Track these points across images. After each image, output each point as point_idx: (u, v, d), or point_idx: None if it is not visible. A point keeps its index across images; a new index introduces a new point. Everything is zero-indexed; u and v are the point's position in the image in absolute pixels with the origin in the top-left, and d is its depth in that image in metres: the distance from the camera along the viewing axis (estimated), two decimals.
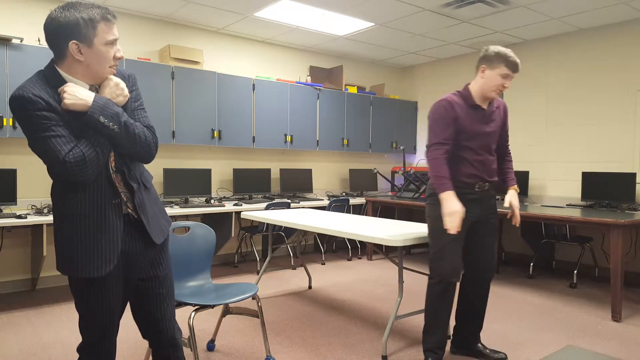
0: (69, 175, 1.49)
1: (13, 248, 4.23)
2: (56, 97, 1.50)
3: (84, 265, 1.56)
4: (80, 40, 1.50)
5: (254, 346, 3.02)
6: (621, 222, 3.53)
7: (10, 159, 4.19)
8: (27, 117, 1.47)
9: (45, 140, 1.46)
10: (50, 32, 1.53)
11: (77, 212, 1.56)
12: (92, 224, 1.56)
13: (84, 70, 1.54)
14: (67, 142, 1.48)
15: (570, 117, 5.37)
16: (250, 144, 5.37)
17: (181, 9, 4.72)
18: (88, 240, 1.56)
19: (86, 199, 1.56)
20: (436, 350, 2.65)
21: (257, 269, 5.20)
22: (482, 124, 2.62)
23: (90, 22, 1.50)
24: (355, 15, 4.88)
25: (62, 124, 1.49)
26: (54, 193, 1.62)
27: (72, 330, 3.29)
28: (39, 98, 1.46)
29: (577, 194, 5.13)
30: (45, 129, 1.46)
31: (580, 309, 3.87)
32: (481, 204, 2.64)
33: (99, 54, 1.53)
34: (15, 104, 1.47)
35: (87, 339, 1.74)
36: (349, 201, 5.76)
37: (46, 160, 1.52)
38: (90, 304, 1.66)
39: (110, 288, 1.64)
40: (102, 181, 1.59)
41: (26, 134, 1.51)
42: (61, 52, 1.53)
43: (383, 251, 3.29)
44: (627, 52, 4.90)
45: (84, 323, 1.73)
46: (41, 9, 4.37)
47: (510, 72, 2.55)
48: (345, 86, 6.29)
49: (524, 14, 4.76)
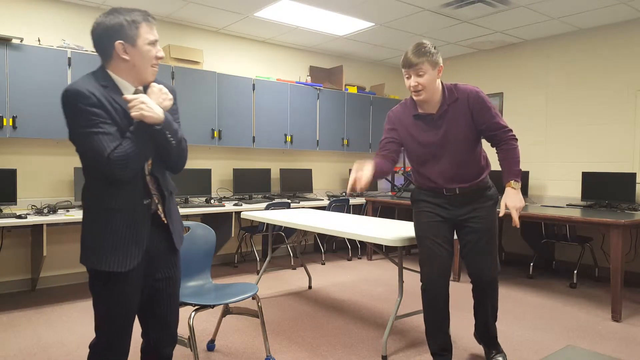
0: (109, 172, 1.55)
1: (13, 248, 4.23)
2: (106, 96, 1.59)
3: (109, 259, 1.61)
4: (125, 40, 1.61)
5: (254, 346, 3.02)
6: (621, 222, 3.52)
7: (10, 159, 4.19)
8: (78, 111, 1.54)
9: (93, 135, 1.54)
10: (98, 35, 1.63)
11: (111, 207, 1.62)
12: (123, 220, 1.63)
13: (129, 69, 1.64)
14: (113, 140, 1.55)
15: (570, 117, 5.37)
16: (250, 144, 5.36)
17: (181, 9, 4.72)
18: (117, 235, 1.62)
19: (120, 196, 1.63)
20: (441, 352, 2.61)
21: (257, 269, 5.20)
22: (428, 131, 2.46)
23: (134, 23, 1.62)
24: (355, 15, 4.88)
25: (109, 122, 1.57)
26: (89, 188, 1.67)
27: (72, 330, 3.29)
28: (92, 94, 1.55)
29: (577, 194, 5.13)
30: (93, 124, 1.54)
31: (580, 309, 3.87)
32: (458, 206, 2.51)
33: (142, 52, 1.63)
34: (69, 98, 1.55)
35: (104, 336, 1.75)
36: (349, 201, 5.76)
37: (90, 155, 1.58)
38: (110, 300, 1.69)
39: (131, 285, 1.69)
40: (137, 181, 1.67)
41: (73, 128, 1.58)
42: (108, 53, 1.63)
43: (383, 251, 3.29)
44: (627, 52, 4.90)
45: (102, 320, 1.73)
46: (41, 9, 4.37)
47: (404, 70, 2.39)
48: (345, 86, 6.29)
49: (524, 14, 4.76)
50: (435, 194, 2.55)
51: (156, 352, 1.89)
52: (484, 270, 2.52)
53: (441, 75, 2.44)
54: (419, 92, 2.37)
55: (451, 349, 2.64)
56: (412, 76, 2.36)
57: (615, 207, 4.61)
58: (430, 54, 2.34)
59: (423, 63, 2.33)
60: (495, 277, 2.56)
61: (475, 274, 2.55)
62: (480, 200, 2.52)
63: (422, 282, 2.58)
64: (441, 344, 2.60)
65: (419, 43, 2.39)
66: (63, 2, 4.48)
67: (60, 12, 4.47)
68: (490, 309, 2.64)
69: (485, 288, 2.58)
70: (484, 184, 2.54)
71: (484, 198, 2.53)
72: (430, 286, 2.55)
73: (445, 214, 2.53)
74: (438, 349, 2.60)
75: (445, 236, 2.53)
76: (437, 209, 2.53)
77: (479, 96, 2.42)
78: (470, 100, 2.41)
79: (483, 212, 2.51)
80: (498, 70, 6.08)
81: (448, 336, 2.63)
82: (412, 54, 2.35)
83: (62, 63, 4.12)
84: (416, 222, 2.63)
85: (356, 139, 6.36)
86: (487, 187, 2.56)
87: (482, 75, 6.25)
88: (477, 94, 2.43)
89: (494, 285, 2.59)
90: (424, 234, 2.56)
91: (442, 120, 2.43)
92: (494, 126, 2.46)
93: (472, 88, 2.45)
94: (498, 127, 2.46)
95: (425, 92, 2.37)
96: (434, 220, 2.54)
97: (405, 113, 2.54)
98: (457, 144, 2.44)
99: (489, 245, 2.52)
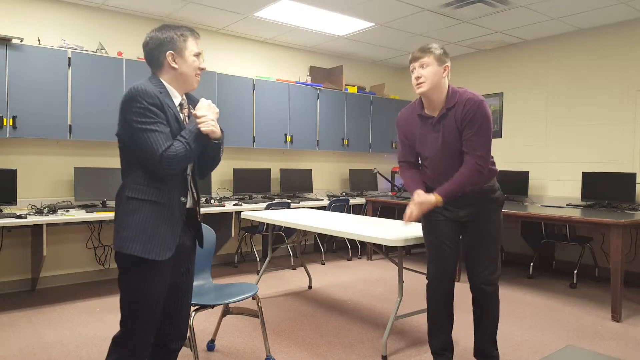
0: (158, 168, 1.72)
1: (13, 248, 4.23)
2: (163, 100, 1.76)
3: (150, 247, 1.73)
4: (175, 51, 1.82)
5: (254, 346, 3.02)
6: (621, 222, 3.53)
7: (10, 159, 4.19)
8: (141, 107, 1.70)
9: (150, 133, 1.70)
10: (151, 47, 1.83)
11: (153, 199, 1.76)
12: (163, 213, 1.77)
13: (177, 77, 1.85)
14: (167, 140, 1.72)
15: (570, 117, 5.37)
16: (250, 144, 5.36)
17: (181, 9, 4.72)
18: (157, 226, 1.75)
19: (162, 190, 1.78)
20: (439, 352, 2.60)
21: (257, 269, 5.20)
22: (430, 134, 2.44)
23: (182, 36, 1.84)
24: (355, 15, 4.88)
25: (164, 123, 1.74)
26: (134, 181, 1.78)
27: (72, 330, 3.29)
28: (156, 96, 1.74)
29: (577, 194, 5.13)
30: (152, 122, 1.71)
31: (580, 309, 3.87)
32: (460, 206, 2.49)
33: (188, 63, 1.84)
34: (136, 94, 1.70)
35: (131, 326, 1.80)
36: (349, 201, 5.76)
37: (143, 150, 1.72)
38: (144, 288, 1.77)
39: (164, 275, 1.81)
40: (178, 179, 1.84)
41: (132, 123, 1.71)
42: (159, 63, 1.84)
43: (383, 251, 3.30)
44: (627, 52, 4.90)
45: (132, 310, 1.80)
46: (41, 9, 4.37)
47: (410, 65, 2.43)
48: (345, 86, 6.29)
49: (524, 14, 4.76)
50: None
51: (165, 346, 1.96)
52: (481, 273, 2.49)
53: (448, 77, 2.43)
54: (421, 85, 2.36)
55: (452, 350, 2.62)
56: (417, 68, 2.38)
57: (615, 207, 4.61)
58: (438, 50, 2.38)
59: (428, 56, 2.36)
60: (492, 281, 2.48)
61: (474, 275, 2.52)
62: (483, 202, 2.48)
63: (427, 280, 2.61)
64: (440, 344, 2.60)
65: (428, 43, 2.44)
66: (63, 2, 4.48)
67: (60, 12, 4.47)
68: (491, 323, 2.54)
69: (482, 290, 2.50)
70: (488, 187, 2.49)
71: (488, 201, 2.49)
72: (432, 284, 2.58)
73: (448, 214, 2.52)
74: (437, 348, 2.60)
75: (449, 235, 2.52)
76: (441, 209, 2.52)
77: (474, 107, 2.30)
78: (465, 108, 2.32)
79: (485, 215, 2.48)
80: (498, 70, 6.08)
81: (448, 336, 2.61)
82: (419, 49, 2.40)
83: (62, 63, 4.12)
84: (423, 221, 2.64)
85: (356, 139, 6.36)
86: (492, 191, 2.51)
87: (482, 75, 6.25)
88: (475, 103, 2.31)
89: (493, 290, 2.50)
90: (429, 233, 2.59)
91: (440, 124, 2.41)
92: (468, 144, 2.32)
93: (473, 97, 2.35)
94: (471, 148, 2.31)
95: (426, 84, 2.35)
96: (438, 219, 2.54)
97: (411, 113, 2.55)
98: (455, 150, 2.39)
99: (488, 248, 2.48)
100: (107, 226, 4.65)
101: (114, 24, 4.76)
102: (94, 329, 3.31)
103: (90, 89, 4.26)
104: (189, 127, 1.80)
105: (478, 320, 2.57)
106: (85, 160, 4.56)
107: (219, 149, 1.91)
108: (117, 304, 3.89)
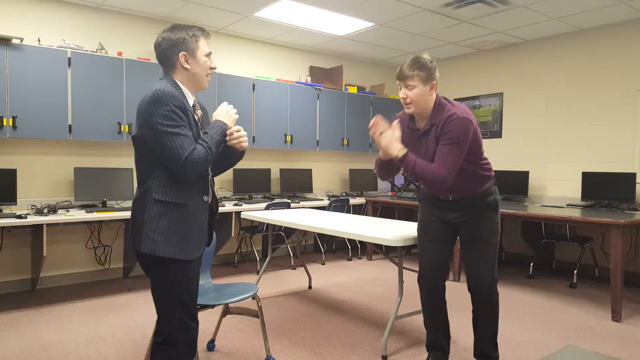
0: (181, 172, 1.74)
1: (13, 248, 4.23)
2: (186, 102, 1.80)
3: (186, 248, 1.78)
4: (187, 52, 1.84)
5: (254, 346, 3.02)
6: (621, 222, 3.53)
7: (10, 159, 4.19)
8: (168, 110, 1.71)
9: (175, 136, 1.71)
10: (164, 47, 1.85)
11: (179, 201, 1.78)
12: (190, 214, 1.81)
13: (189, 78, 1.87)
14: (191, 144, 1.75)
15: (570, 117, 5.37)
16: (250, 144, 5.36)
17: (181, 9, 4.72)
18: (187, 227, 1.79)
19: (187, 192, 1.81)
20: (430, 349, 2.69)
21: (257, 269, 5.20)
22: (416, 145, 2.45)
23: (194, 37, 1.86)
24: (355, 15, 4.88)
25: (187, 126, 1.76)
26: (159, 184, 1.78)
27: (72, 330, 3.29)
28: (179, 97, 1.76)
29: (577, 194, 5.13)
30: (177, 125, 1.72)
31: (580, 309, 3.87)
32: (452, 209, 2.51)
33: (200, 63, 1.87)
34: (162, 96, 1.71)
35: (175, 324, 1.82)
36: (349, 201, 5.76)
37: (168, 154, 1.72)
38: (183, 288, 1.81)
39: (196, 271, 1.87)
40: (200, 179, 1.87)
41: (157, 126, 1.71)
42: (172, 63, 1.86)
43: (383, 251, 3.30)
44: (627, 52, 4.90)
45: (174, 310, 1.81)
46: (41, 9, 4.37)
47: (397, 81, 2.40)
48: (345, 86, 6.28)
49: (524, 14, 4.76)
50: (432, 196, 2.60)
51: None
52: (476, 275, 2.51)
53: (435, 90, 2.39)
54: (408, 105, 2.39)
55: (443, 347, 2.66)
56: (403, 88, 2.38)
57: (615, 207, 4.61)
58: (424, 68, 2.32)
59: (414, 78, 2.32)
60: (489, 283, 2.48)
61: (469, 277, 2.55)
62: (476, 206, 2.48)
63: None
64: (430, 341, 2.68)
65: (417, 56, 2.37)
66: (63, 2, 4.48)
67: (60, 12, 4.47)
68: (489, 325, 2.54)
69: (478, 293, 2.52)
70: (482, 192, 2.47)
71: (480, 205, 2.48)
72: (420, 282, 2.65)
73: (441, 216, 2.57)
74: (428, 344, 2.70)
75: (438, 235, 2.56)
76: (433, 210, 2.60)
77: (455, 122, 2.26)
78: (446, 123, 2.29)
79: (477, 218, 2.48)
80: (498, 70, 6.08)
81: (439, 335, 2.65)
82: (406, 66, 2.35)
83: (62, 63, 4.12)
84: (418, 221, 2.72)
85: (356, 139, 6.36)
86: (486, 195, 2.48)
87: (482, 75, 6.25)
88: (456, 119, 2.26)
89: (489, 293, 2.50)
90: (419, 232, 2.68)
91: (424, 138, 2.43)
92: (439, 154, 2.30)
93: (456, 113, 2.29)
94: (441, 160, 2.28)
95: (413, 105, 2.37)
96: (428, 219, 2.61)
97: (403, 121, 2.54)
98: None
99: (482, 252, 2.48)
100: (107, 226, 4.65)
101: (114, 24, 4.76)
102: (94, 329, 3.31)
103: (90, 89, 4.26)
104: (211, 132, 1.83)
105: (477, 321, 2.59)
106: (85, 160, 4.56)
107: (240, 157, 2.02)
108: (117, 304, 3.89)
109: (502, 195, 2.62)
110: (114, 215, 4.07)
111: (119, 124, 4.39)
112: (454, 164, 2.28)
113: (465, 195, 2.46)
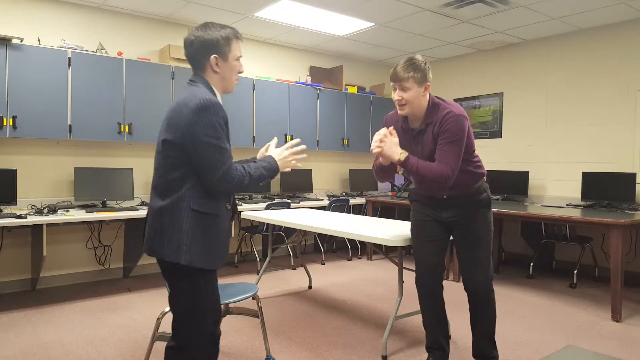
0: (212, 185, 1.70)
1: (13, 248, 4.23)
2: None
3: (216, 259, 1.78)
4: (219, 55, 1.78)
5: (254, 346, 3.02)
6: (621, 222, 3.53)
7: (10, 159, 4.19)
8: (215, 120, 1.67)
9: (216, 149, 1.67)
10: (195, 47, 1.77)
11: (210, 212, 1.74)
12: (220, 224, 1.79)
13: (219, 81, 1.82)
14: (229, 158, 1.71)
15: (570, 117, 5.37)
16: (250, 144, 5.36)
17: (181, 9, 4.72)
18: (216, 237, 1.77)
19: (216, 201, 1.77)
20: (429, 349, 2.69)
21: (257, 269, 5.20)
22: (412, 145, 2.46)
23: (227, 39, 1.78)
24: (355, 15, 4.88)
25: (227, 139, 1.73)
26: (197, 194, 1.72)
27: (72, 330, 3.29)
28: (223, 110, 1.72)
29: (577, 194, 5.13)
30: (220, 137, 1.68)
31: (580, 309, 3.87)
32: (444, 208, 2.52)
33: (231, 67, 1.82)
34: (211, 107, 1.66)
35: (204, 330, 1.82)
36: (349, 201, 5.76)
37: (206, 164, 1.67)
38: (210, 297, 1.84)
39: (216, 280, 1.88)
40: None
41: (200, 136, 1.65)
42: (202, 65, 1.79)
43: (383, 251, 3.30)
44: (627, 52, 4.90)
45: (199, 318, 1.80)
46: (41, 9, 4.37)
47: (391, 82, 2.40)
48: (345, 86, 6.29)
49: (524, 14, 4.76)
50: (425, 196, 2.60)
51: None
52: (471, 275, 2.52)
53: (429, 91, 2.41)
54: (402, 107, 2.39)
55: (443, 347, 2.66)
56: (397, 90, 2.38)
57: (615, 207, 4.61)
58: (418, 70, 2.33)
59: (408, 80, 2.32)
60: (484, 281, 2.49)
61: (465, 276, 2.56)
62: (468, 204, 2.49)
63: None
64: (430, 341, 2.67)
65: (410, 58, 2.38)
66: (63, 2, 4.48)
67: (60, 12, 4.47)
68: (487, 323, 2.55)
69: (474, 292, 2.53)
70: (474, 189, 2.49)
71: (473, 202, 2.49)
72: (418, 283, 2.66)
73: (434, 215, 2.57)
74: (428, 345, 2.69)
75: (431, 234, 2.57)
76: (426, 209, 2.60)
77: (452, 119, 2.29)
78: (442, 121, 2.32)
79: (471, 216, 2.49)
80: (498, 70, 6.08)
81: (438, 335, 2.65)
82: (401, 68, 2.35)
83: (62, 63, 4.12)
84: (411, 221, 2.73)
85: (356, 139, 6.36)
86: (479, 192, 2.50)
87: (482, 75, 6.25)
88: (452, 116, 2.30)
89: (485, 291, 2.51)
90: (413, 233, 2.68)
91: (420, 137, 2.44)
92: (440, 153, 2.32)
93: (452, 110, 2.33)
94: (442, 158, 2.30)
95: (408, 107, 2.38)
96: (421, 219, 2.62)
97: (396, 122, 2.55)
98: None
99: (477, 250, 2.49)
100: (107, 226, 4.65)
101: (114, 24, 4.76)
102: (94, 329, 3.31)
103: (90, 89, 4.26)
104: (260, 164, 1.82)
105: (474, 320, 2.60)
106: (85, 160, 4.56)
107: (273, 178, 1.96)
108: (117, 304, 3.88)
109: (502, 195, 2.62)
110: (114, 215, 4.07)
111: (118, 124, 4.39)
112: (456, 161, 2.30)
113: (458, 193, 2.47)
